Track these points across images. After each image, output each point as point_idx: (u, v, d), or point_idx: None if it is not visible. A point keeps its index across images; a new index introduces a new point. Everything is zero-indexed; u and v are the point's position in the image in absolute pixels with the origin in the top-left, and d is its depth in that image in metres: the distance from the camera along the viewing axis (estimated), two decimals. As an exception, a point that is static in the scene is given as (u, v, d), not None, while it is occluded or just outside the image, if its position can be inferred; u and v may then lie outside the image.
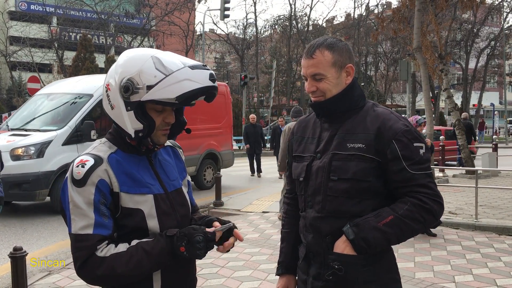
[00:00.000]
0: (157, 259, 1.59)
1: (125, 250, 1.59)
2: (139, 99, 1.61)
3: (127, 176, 1.66)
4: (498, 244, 6.46)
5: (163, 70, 1.60)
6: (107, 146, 1.71)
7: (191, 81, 1.59)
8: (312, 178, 1.92)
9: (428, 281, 4.98)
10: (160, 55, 1.64)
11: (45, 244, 6.80)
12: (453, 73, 48.43)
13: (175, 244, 1.60)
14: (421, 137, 1.87)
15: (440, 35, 16.60)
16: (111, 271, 1.56)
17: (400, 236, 1.82)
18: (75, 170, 1.60)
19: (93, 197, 1.58)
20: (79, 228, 1.58)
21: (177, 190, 1.81)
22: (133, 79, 1.60)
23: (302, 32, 41.08)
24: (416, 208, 1.78)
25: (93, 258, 1.56)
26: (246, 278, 5.09)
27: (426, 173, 1.83)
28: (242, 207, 9.20)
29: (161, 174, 1.77)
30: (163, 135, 1.73)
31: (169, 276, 1.72)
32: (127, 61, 1.66)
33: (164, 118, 1.69)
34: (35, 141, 8.61)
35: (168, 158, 1.86)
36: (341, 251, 1.81)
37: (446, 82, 13.90)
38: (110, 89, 1.67)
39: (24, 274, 3.95)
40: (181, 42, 36.96)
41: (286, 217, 2.20)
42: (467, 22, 37.47)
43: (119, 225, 1.65)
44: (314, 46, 1.90)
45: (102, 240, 1.58)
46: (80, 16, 36.14)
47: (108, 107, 1.70)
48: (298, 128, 2.11)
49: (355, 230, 1.79)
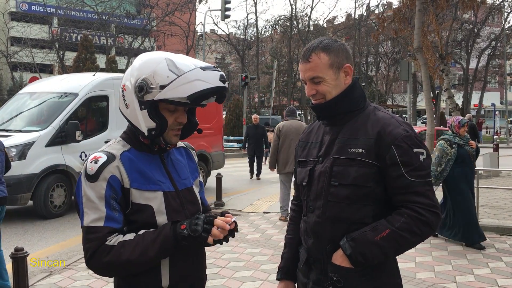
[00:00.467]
0: (162, 245, 1.64)
1: (132, 238, 1.65)
2: (152, 98, 1.68)
3: (139, 173, 1.73)
4: (499, 244, 6.45)
5: (176, 71, 1.67)
6: (121, 145, 1.79)
7: (202, 82, 1.66)
8: (314, 183, 1.92)
9: (429, 281, 4.98)
10: (174, 57, 1.72)
11: (46, 245, 6.80)
12: (454, 73, 48.41)
13: (178, 227, 1.65)
14: (422, 143, 1.83)
15: (441, 35, 16.60)
16: (117, 257, 1.62)
17: (398, 249, 1.81)
18: (89, 166, 1.69)
19: (104, 191, 1.66)
20: (90, 220, 1.65)
21: (188, 188, 1.87)
22: (147, 79, 1.68)
23: (303, 33, 41.08)
24: (413, 221, 1.75)
25: (102, 248, 1.63)
26: (247, 278, 5.09)
27: (426, 181, 1.79)
28: (243, 207, 9.19)
29: (172, 173, 1.84)
30: (175, 135, 1.80)
31: (177, 269, 1.76)
32: (142, 63, 1.73)
33: (176, 118, 1.76)
34: (17, 143, 8.17)
35: (180, 158, 1.93)
36: (339, 264, 1.82)
37: (447, 82, 13.89)
38: (126, 90, 1.75)
39: (25, 275, 3.96)
40: (181, 43, 36.99)
41: (290, 223, 2.21)
42: (468, 22, 37.46)
43: (130, 220, 1.71)
44: (309, 50, 1.89)
45: (112, 232, 1.65)
46: (81, 17, 36.17)
47: (123, 107, 1.78)
48: (304, 134, 2.12)
49: (352, 245, 1.78)
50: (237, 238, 6.71)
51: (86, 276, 5.16)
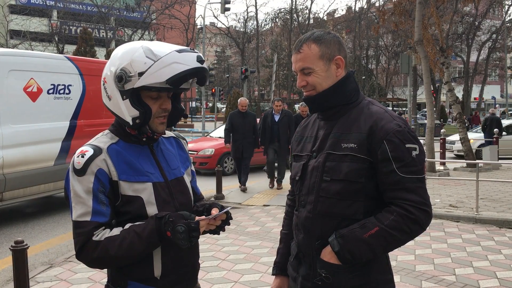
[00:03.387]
0: (148, 239, 1.66)
1: (118, 234, 1.67)
2: (132, 87, 1.69)
3: (127, 165, 1.74)
4: (498, 237, 6.47)
5: (153, 57, 1.67)
6: (108, 137, 1.79)
7: (179, 64, 1.66)
8: (307, 177, 1.91)
9: (428, 273, 5.00)
10: (150, 45, 1.73)
11: (47, 237, 6.82)
12: (454, 66, 48.33)
13: (162, 227, 1.66)
14: (415, 138, 1.80)
15: (442, 28, 16.55)
16: (105, 253, 1.64)
17: (386, 247, 1.79)
18: (76, 160, 1.69)
19: (92, 185, 1.67)
20: (78, 215, 1.67)
21: (178, 178, 1.88)
22: (125, 68, 1.69)
23: (303, 26, 40.99)
24: (402, 219, 1.73)
25: (89, 243, 1.65)
26: (247, 271, 5.10)
27: (417, 177, 1.76)
28: (243, 200, 9.20)
29: (162, 163, 1.85)
30: (161, 123, 1.79)
31: (169, 260, 1.78)
32: (120, 54, 1.74)
33: (161, 105, 1.76)
34: None
35: (170, 148, 1.94)
36: (327, 260, 1.81)
37: (447, 75, 13.86)
38: (107, 82, 1.76)
39: (25, 267, 3.96)
40: (181, 36, 36.93)
41: (286, 218, 2.21)
42: (469, 15, 37.34)
43: (120, 212, 1.73)
44: (301, 41, 1.89)
45: (98, 226, 1.67)
46: (81, 10, 36.08)
47: (106, 99, 1.78)
48: (300, 128, 2.11)
49: (340, 242, 1.77)
50: (237, 231, 6.73)
51: (86, 269, 5.17)
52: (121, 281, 1.77)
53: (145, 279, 1.75)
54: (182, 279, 1.84)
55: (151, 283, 1.76)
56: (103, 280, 4.83)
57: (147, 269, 1.75)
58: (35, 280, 4.88)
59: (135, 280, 1.75)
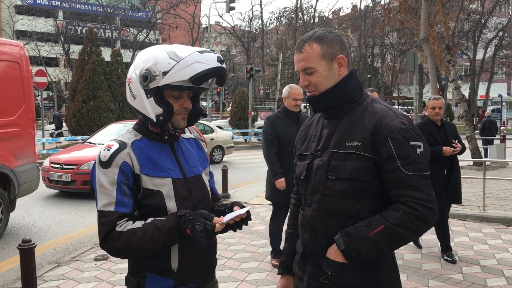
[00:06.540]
0: (167, 235, 1.74)
1: (140, 226, 1.75)
2: (157, 85, 1.81)
3: (149, 160, 1.85)
4: (506, 235, 6.44)
5: (176, 57, 1.79)
6: (132, 135, 1.92)
7: (201, 63, 1.78)
8: (312, 176, 1.91)
9: (435, 272, 4.98)
10: (173, 47, 1.85)
11: (54, 236, 6.85)
12: (460, 64, 48.11)
13: (181, 225, 1.74)
14: (419, 136, 1.79)
15: (448, 26, 16.46)
16: (127, 244, 1.73)
17: (392, 245, 1.78)
18: (102, 153, 1.81)
19: (116, 177, 1.78)
20: (102, 205, 1.77)
21: (196, 176, 1.98)
22: (150, 68, 1.81)
23: (308, 24, 40.91)
24: (408, 216, 1.73)
25: (113, 233, 1.75)
26: (253, 269, 5.11)
27: (422, 175, 1.75)
28: (249, 199, 9.22)
29: (181, 161, 1.95)
30: (183, 119, 1.91)
31: (186, 254, 1.87)
32: (145, 56, 1.87)
33: (182, 104, 1.88)
34: None
35: (190, 148, 2.05)
36: (333, 259, 1.81)
37: (453, 73, 13.80)
38: (132, 82, 1.88)
39: (33, 266, 3.98)
40: (186, 35, 36.99)
41: (291, 218, 2.21)
42: (475, 13, 37.17)
43: (141, 204, 1.83)
44: (303, 40, 1.89)
45: (122, 217, 1.77)
46: (86, 10, 36.22)
47: (131, 98, 1.91)
48: (304, 127, 2.11)
49: (346, 240, 1.77)
50: (243, 230, 6.73)
51: (93, 268, 5.20)
52: (140, 273, 1.86)
53: (163, 271, 1.84)
54: (199, 273, 1.92)
55: (169, 275, 1.85)
56: (110, 279, 4.85)
57: (165, 261, 1.84)
58: (42, 279, 4.91)
59: (154, 272, 1.84)
